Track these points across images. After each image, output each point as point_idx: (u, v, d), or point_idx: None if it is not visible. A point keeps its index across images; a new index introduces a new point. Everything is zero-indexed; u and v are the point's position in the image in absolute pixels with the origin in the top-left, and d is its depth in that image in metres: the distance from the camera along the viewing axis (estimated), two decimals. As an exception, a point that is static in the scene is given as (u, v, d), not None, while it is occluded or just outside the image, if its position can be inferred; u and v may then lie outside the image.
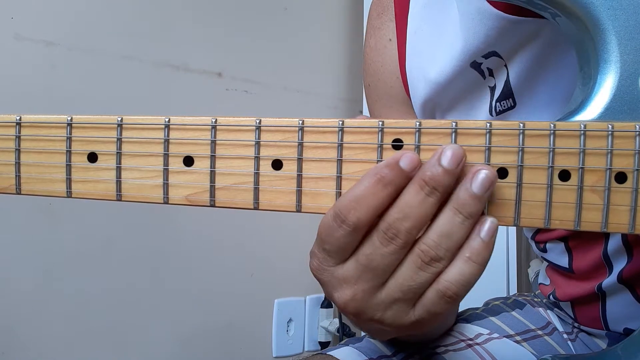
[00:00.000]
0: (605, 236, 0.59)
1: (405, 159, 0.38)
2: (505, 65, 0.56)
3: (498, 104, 0.57)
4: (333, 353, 0.60)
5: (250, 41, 1.56)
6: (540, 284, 0.75)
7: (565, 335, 0.70)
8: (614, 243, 0.59)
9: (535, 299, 0.76)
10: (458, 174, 0.38)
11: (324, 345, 1.67)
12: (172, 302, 1.45)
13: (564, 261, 0.66)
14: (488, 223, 0.38)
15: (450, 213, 0.38)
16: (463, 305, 0.72)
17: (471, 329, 0.67)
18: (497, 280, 1.33)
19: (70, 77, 1.31)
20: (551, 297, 0.70)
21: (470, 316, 0.70)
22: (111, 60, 1.36)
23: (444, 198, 0.38)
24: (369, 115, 0.74)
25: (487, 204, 0.39)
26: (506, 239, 1.33)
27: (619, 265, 0.60)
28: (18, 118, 0.44)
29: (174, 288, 1.45)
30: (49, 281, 1.29)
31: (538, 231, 0.69)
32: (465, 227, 0.38)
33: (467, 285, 0.38)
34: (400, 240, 0.38)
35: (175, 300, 1.45)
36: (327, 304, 1.67)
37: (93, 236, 1.34)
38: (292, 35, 1.65)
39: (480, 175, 0.38)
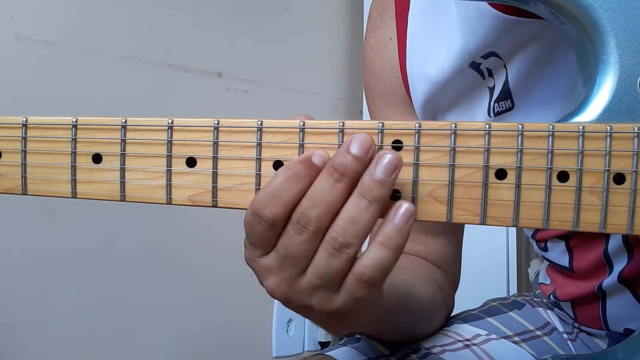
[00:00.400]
0: (606, 236, 0.59)
1: (317, 155, 0.39)
2: (505, 66, 0.56)
3: (496, 104, 0.58)
4: (331, 353, 0.60)
5: (250, 41, 1.57)
6: (540, 283, 0.75)
7: (565, 335, 0.70)
8: (615, 243, 0.59)
9: (535, 299, 0.76)
10: (367, 161, 0.38)
11: (324, 345, 1.67)
12: (172, 302, 1.45)
13: (564, 260, 0.66)
14: (403, 208, 0.38)
15: (355, 198, 0.38)
16: (463, 306, 0.73)
17: (468, 330, 0.67)
18: (497, 280, 1.34)
19: (70, 77, 1.31)
20: (551, 296, 0.70)
21: (468, 317, 0.70)
22: (111, 60, 1.36)
23: (353, 185, 0.39)
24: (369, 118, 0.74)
25: (484, 204, 0.39)
26: (506, 239, 1.34)
27: (619, 265, 0.60)
28: (24, 120, 0.44)
29: (174, 288, 1.46)
30: (49, 281, 1.29)
31: (538, 230, 0.69)
32: (371, 212, 0.38)
33: (382, 269, 0.39)
34: (312, 228, 0.38)
35: (176, 300, 1.45)
36: (326, 304, 1.66)
37: (93, 236, 1.34)
38: (292, 35, 1.65)
39: (384, 160, 0.38)
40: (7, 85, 1.23)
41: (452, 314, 0.72)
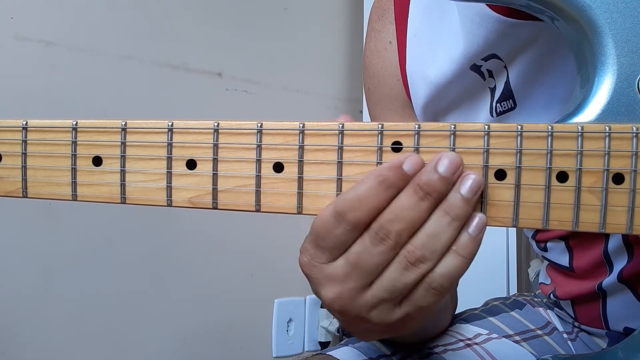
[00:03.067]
0: (606, 235, 0.59)
1: (409, 162, 0.39)
2: (505, 67, 0.56)
3: (498, 104, 0.58)
4: (333, 353, 0.60)
5: (250, 41, 1.57)
6: (540, 283, 0.75)
7: (565, 335, 0.70)
8: (615, 242, 0.59)
9: (536, 299, 0.76)
10: (453, 182, 0.39)
11: (324, 345, 1.67)
12: (172, 302, 1.45)
13: (564, 260, 0.66)
14: (477, 219, 0.39)
15: (439, 214, 0.38)
16: (462, 306, 0.73)
17: (470, 329, 0.67)
18: (497, 280, 1.34)
19: (70, 77, 1.31)
20: (551, 296, 0.70)
21: (469, 317, 0.70)
22: (111, 60, 1.36)
23: (437, 203, 0.39)
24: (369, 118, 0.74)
25: (479, 205, 0.40)
26: (506, 239, 1.34)
27: (619, 265, 0.60)
28: (24, 123, 0.45)
29: (174, 288, 1.46)
30: (49, 281, 1.30)
31: (538, 231, 0.69)
32: (452, 229, 0.38)
33: (452, 278, 0.39)
34: (390, 241, 0.38)
35: (176, 300, 1.46)
36: (327, 303, 1.66)
37: (93, 236, 1.35)
38: (292, 35, 1.66)
39: (469, 180, 0.38)
40: (7, 85, 1.23)
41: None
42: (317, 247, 0.40)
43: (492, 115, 0.59)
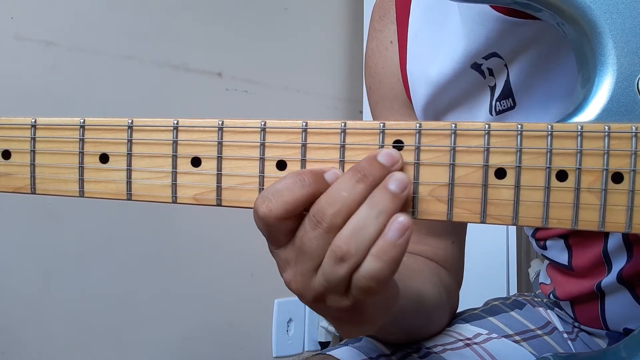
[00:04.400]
0: (605, 234, 0.60)
1: (330, 173, 0.41)
2: (506, 65, 0.56)
3: (498, 103, 0.58)
4: (333, 353, 0.60)
5: (250, 41, 1.57)
6: (541, 283, 0.75)
7: (565, 335, 0.70)
8: (614, 241, 0.59)
9: (536, 299, 0.76)
10: (389, 172, 0.40)
11: (324, 345, 1.68)
12: (172, 302, 1.45)
13: (563, 258, 0.66)
14: (396, 223, 0.39)
15: (367, 205, 0.39)
16: (463, 306, 0.73)
17: (470, 329, 0.68)
18: (497, 280, 1.34)
19: (70, 77, 1.31)
20: (551, 296, 0.71)
21: (469, 317, 0.70)
22: (111, 60, 1.36)
23: (371, 191, 0.39)
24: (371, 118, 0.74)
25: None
26: (506, 239, 1.34)
27: (618, 264, 0.60)
28: (33, 120, 0.45)
29: (174, 288, 1.46)
30: (49, 281, 1.30)
31: (538, 229, 0.69)
32: (378, 224, 0.39)
33: (376, 280, 0.39)
34: (325, 224, 0.39)
35: (176, 300, 1.46)
36: (326, 303, 1.66)
37: (93, 236, 1.35)
38: (292, 35, 1.66)
39: (399, 175, 0.39)
40: (7, 85, 1.23)
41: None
42: (267, 237, 0.42)
43: (491, 113, 0.59)
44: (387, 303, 0.44)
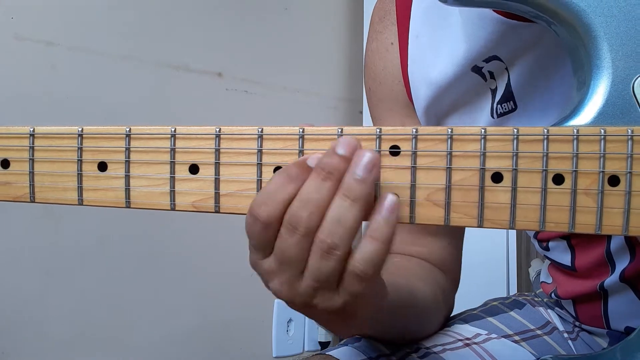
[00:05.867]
0: (608, 235, 0.60)
1: (312, 159, 0.40)
2: (506, 68, 0.57)
3: (499, 106, 0.58)
4: (332, 353, 0.60)
5: (250, 41, 1.57)
6: (542, 282, 0.75)
7: (565, 335, 0.70)
8: (617, 242, 0.59)
9: (536, 299, 0.76)
10: (351, 160, 0.40)
11: (324, 345, 1.68)
12: (172, 302, 1.45)
13: (566, 259, 0.66)
14: (387, 200, 0.39)
15: (339, 198, 0.39)
16: (462, 306, 0.73)
17: (469, 330, 0.68)
18: (497, 280, 1.34)
19: (70, 77, 1.31)
20: (553, 295, 0.71)
21: (468, 317, 0.70)
22: (111, 60, 1.36)
23: (337, 185, 0.40)
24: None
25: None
26: (506, 239, 1.34)
27: (621, 264, 0.60)
28: (31, 129, 0.45)
29: (173, 288, 1.46)
30: (49, 281, 1.30)
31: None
32: (355, 212, 0.39)
33: (372, 262, 0.39)
34: (302, 229, 0.39)
35: (175, 300, 1.46)
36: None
37: (93, 237, 1.35)
38: (292, 35, 1.66)
39: (363, 159, 0.39)
40: (7, 85, 1.23)
41: (453, 314, 0.72)
42: (252, 246, 0.42)
43: (492, 116, 0.59)
44: (375, 298, 0.44)
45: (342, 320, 0.44)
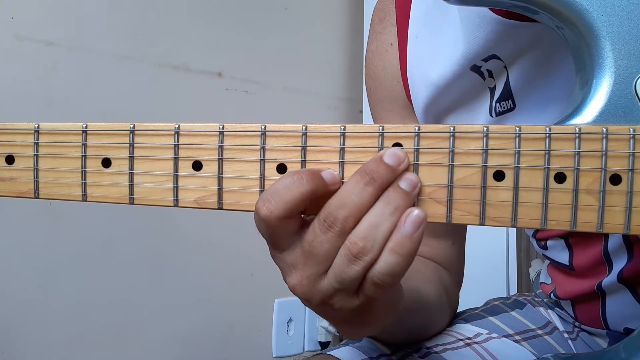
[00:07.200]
0: (605, 234, 0.60)
1: (327, 173, 0.41)
2: (505, 67, 0.57)
3: (498, 104, 0.58)
4: (333, 353, 0.60)
5: (250, 41, 1.57)
6: (541, 283, 0.76)
7: (566, 335, 0.70)
8: (615, 241, 0.59)
9: (536, 299, 0.76)
10: (398, 173, 0.40)
11: (324, 345, 1.68)
12: (172, 302, 1.46)
13: (564, 258, 0.66)
14: (412, 216, 0.39)
15: (381, 203, 0.40)
16: (463, 306, 0.73)
17: (470, 329, 0.68)
18: (497, 280, 1.34)
19: (70, 77, 1.31)
20: (552, 295, 0.71)
21: (469, 316, 0.71)
22: (111, 60, 1.36)
23: (381, 191, 0.40)
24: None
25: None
26: (506, 239, 1.34)
27: (619, 264, 0.60)
28: (36, 126, 0.46)
29: (174, 288, 1.46)
30: (49, 281, 1.30)
31: (538, 229, 0.69)
32: (393, 220, 0.39)
33: (392, 275, 0.39)
34: (337, 228, 0.39)
35: (175, 301, 1.46)
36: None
37: (93, 237, 1.35)
38: (292, 35, 1.66)
39: (409, 176, 0.40)
40: (7, 85, 1.23)
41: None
42: (269, 240, 0.42)
43: (491, 115, 0.59)
44: (392, 303, 0.45)
45: (358, 320, 0.44)
